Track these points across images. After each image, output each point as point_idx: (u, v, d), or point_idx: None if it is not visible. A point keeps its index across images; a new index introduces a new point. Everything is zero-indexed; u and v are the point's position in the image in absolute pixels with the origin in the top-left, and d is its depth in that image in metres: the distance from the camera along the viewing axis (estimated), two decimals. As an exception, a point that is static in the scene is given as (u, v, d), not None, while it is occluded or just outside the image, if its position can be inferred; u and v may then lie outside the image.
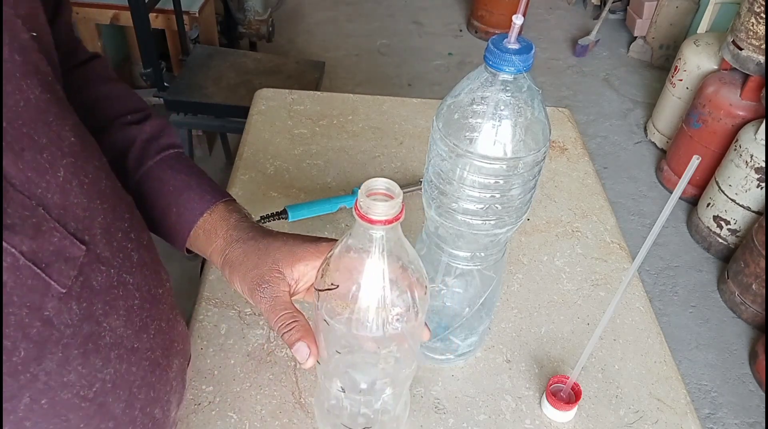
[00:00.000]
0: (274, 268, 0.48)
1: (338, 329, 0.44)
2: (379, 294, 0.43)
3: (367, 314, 0.43)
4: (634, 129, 2.69)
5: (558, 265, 0.82)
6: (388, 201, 0.39)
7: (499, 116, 0.47)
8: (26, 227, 0.31)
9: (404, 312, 0.44)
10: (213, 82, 1.83)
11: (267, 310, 0.48)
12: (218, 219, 0.52)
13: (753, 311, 1.91)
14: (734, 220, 2.04)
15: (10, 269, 0.30)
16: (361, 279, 0.42)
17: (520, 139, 0.48)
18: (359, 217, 0.39)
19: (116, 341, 0.37)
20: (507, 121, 0.48)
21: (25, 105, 0.32)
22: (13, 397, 0.31)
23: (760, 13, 1.94)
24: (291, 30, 3.11)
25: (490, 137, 0.48)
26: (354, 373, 0.50)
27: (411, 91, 2.78)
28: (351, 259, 0.42)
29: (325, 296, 0.44)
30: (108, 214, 0.38)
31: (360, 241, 0.41)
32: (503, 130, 0.48)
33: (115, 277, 0.38)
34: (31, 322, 0.31)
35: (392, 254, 0.42)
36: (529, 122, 0.49)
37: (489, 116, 0.48)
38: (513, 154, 0.48)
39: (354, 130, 1.01)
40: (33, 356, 0.31)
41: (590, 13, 3.46)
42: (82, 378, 0.35)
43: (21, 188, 0.31)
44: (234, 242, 0.51)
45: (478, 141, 0.48)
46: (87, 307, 0.35)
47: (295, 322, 0.47)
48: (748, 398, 1.75)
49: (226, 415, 0.62)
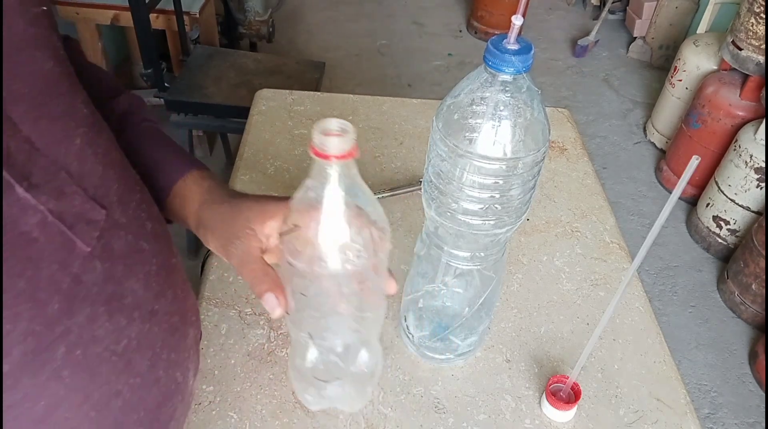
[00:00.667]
0: (245, 226, 0.50)
1: (301, 269, 0.46)
2: (337, 230, 0.44)
3: (326, 250, 0.45)
4: (634, 129, 2.69)
5: (558, 265, 0.82)
6: (342, 137, 0.41)
7: (499, 117, 0.48)
8: (50, 188, 0.33)
9: (363, 248, 0.45)
10: (213, 83, 1.83)
11: (239, 264, 0.50)
12: (192, 184, 0.54)
13: (753, 311, 1.91)
14: (734, 220, 2.04)
15: (39, 226, 0.32)
16: (320, 216, 0.44)
17: (519, 139, 0.48)
18: (315, 155, 0.41)
19: (137, 303, 0.39)
20: (506, 121, 0.48)
21: (39, 75, 0.34)
22: (49, 346, 0.33)
23: (759, 13, 1.95)
24: (291, 30, 3.11)
25: (490, 138, 0.48)
26: (320, 318, 0.51)
27: (411, 91, 2.78)
28: (310, 199, 0.44)
29: (288, 239, 0.46)
30: (121, 184, 0.40)
31: (317, 180, 0.43)
32: (503, 130, 0.48)
33: (132, 242, 0.39)
34: (61, 278, 0.33)
35: (348, 191, 0.43)
36: (529, 123, 0.49)
37: (488, 117, 0.48)
38: (512, 154, 0.48)
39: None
40: (65, 310, 0.33)
41: (590, 14, 3.46)
42: (110, 334, 0.37)
43: (44, 152, 0.33)
44: (208, 205, 0.53)
45: (477, 141, 0.48)
46: (109, 268, 0.37)
47: (265, 275, 0.49)
48: (748, 398, 1.76)
49: (226, 415, 0.62)
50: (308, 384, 0.58)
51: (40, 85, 0.34)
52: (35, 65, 0.34)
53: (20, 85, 0.33)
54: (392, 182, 0.92)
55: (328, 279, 0.46)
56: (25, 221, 0.31)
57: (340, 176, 0.42)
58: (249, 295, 0.74)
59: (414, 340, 0.68)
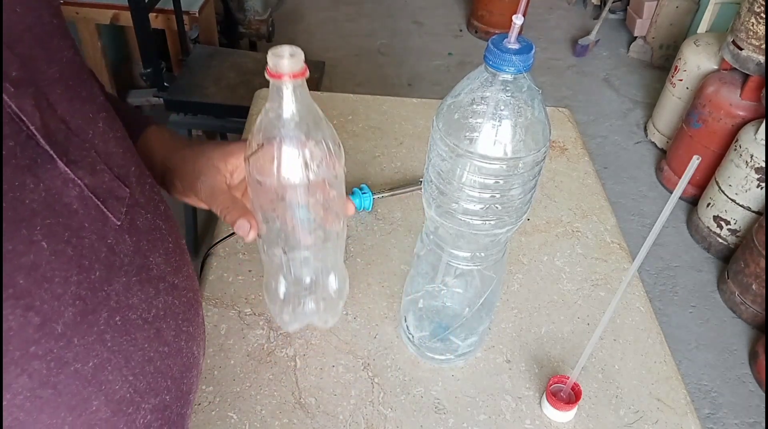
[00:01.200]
0: (209, 164, 0.54)
1: (269, 184, 0.49)
2: (297, 142, 0.48)
3: (290, 162, 0.48)
4: (634, 129, 2.69)
5: (558, 265, 0.82)
6: (292, 58, 0.45)
7: (499, 116, 0.48)
8: (85, 164, 0.35)
9: (323, 159, 0.49)
10: (213, 82, 1.83)
11: (207, 197, 0.53)
12: (153, 140, 0.58)
13: (753, 311, 1.91)
14: (734, 220, 2.04)
15: (78, 198, 0.34)
16: (280, 133, 0.47)
17: (520, 139, 0.48)
18: (270, 76, 0.45)
19: (161, 275, 0.42)
20: (507, 121, 0.48)
21: (66, 62, 0.37)
22: (94, 310, 0.35)
23: (760, 13, 1.94)
24: (291, 30, 3.11)
25: (490, 137, 0.48)
26: (289, 232, 0.54)
27: (411, 91, 2.78)
28: (269, 120, 0.47)
29: (254, 159, 0.49)
30: (137, 166, 0.42)
31: (275, 101, 0.47)
32: (503, 130, 0.48)
33: (152, 220, 0.42)
34: (99, 247, 0.35)
35: (303, 108, 0.47)
36: (529, 122, 0.49)
37: (489, 116, 0.48)
38: (513, 154, 0.48)
39: (354, 130, 1.01)
40: (104, 277, 0.36)
41: (590, 13, 3.46)
42: (143, 303, 0.39)
43: (76, 131, 0.35)
44: (171, 152, 0.56)
45: (478, 141, 0.48)
46: (136, 241, 0.39)
47: (234, 203, 0.52)
48: (748, 398, 1.75)
49: (226, 415, 0.62)
50: (284, 304, 0.62)
51: (68, 71, 0.36)
52: (63, 53, 0.36)
53: (54, 69, 0.35)
54: (392, 182, 0.91)
55: (295, 190, 0.50)
56: (67, 193, 0.33)
57: (294, 94, 0.46)
58: (249, 296, 0.73)
59: (414, 340, 0.68)
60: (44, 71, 0.34)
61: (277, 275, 0.60)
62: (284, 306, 0.62)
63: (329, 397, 0.64)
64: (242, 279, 0.75)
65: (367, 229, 0.84)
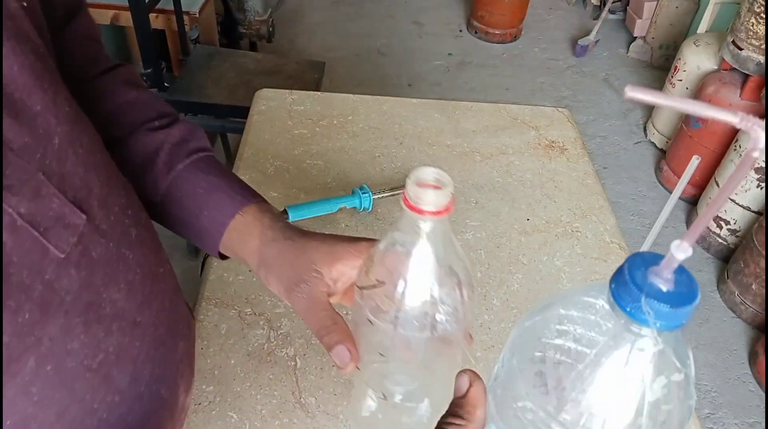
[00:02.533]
0: (311, 268, 0.46)
1: (383, 329, 0.42)
2: (427, 290, 0.40)
3: (414, 312, 0.41)
4: (634, 129, 2.69)
5: (558, 265, 0.82)
6: (438, 190, 0.37)
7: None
8: (25, 190, 0.31)
9: (453, 310, 0.42)
10: (213, 83, 1.83)
11: (304, 310, 0.46)
12: (251, 220, 0.50)
13: (753, 311, 1.91)
14: (734, 220, 2.04)
15: (8, 229, 0.30)
16: (409, 274, 0.40)
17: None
18: (408, 208, 0.38)
19: (117, 313, 0.37)
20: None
21: (19, 69, 0.32)
22: (19, 358, 0.31)
23: (760, 13, 1.94)
24: (291, 30, 3.11)
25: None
26: (395, 378, 0.48)
27: (411, 91, 2.78)
28: (397, 254, 0.41)
29: (369, 294, 0.42)
30: (104, 187, 0.38)
31: (407, 234, 0.39)
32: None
33: (114, 250, 0.37)
34: (32, 285, 0.31)
35: (441, 248, 0.40)
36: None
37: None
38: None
39: (354, 130, 1.01)
40: (36, 319, 0.32)
41: (590, 13, 3.46)
42: (86, 347, 0.35)
43: (19, 152, 0.31)
44: (269, 242, 0.49)
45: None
46: (87, 276, 0.35)
47: (334, 324, 0.45)
48: (748, 398, 1.75)
49: (226, 415, 0.62)
50: (367, 422, 0.54)
51: (19, 80, 0.32)
52: (15, 58, 0.32)
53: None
54: (392, 182, 0.92)
55: (412, 342, 0.43)
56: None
57: (433, 232, 0.39)
58: (249, 295, 0.73)
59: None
60: None
61: (368, 407, 0.52)
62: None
63: (329, 397, 0.64)
64: (242, 279, 0.75)
65: (367, 229, 0.84)
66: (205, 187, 0.51)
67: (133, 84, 0.55)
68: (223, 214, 0.51)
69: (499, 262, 0.82)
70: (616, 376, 0.29)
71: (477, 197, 0.91)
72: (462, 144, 1.01)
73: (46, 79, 0.35)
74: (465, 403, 0.35)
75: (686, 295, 0.28)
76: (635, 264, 0.28)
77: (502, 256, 0.83)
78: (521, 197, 0.92)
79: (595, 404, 0.30)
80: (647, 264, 0.28)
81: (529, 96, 2.76)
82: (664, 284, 0.28)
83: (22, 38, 0.34)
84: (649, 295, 0.27)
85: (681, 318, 0.28)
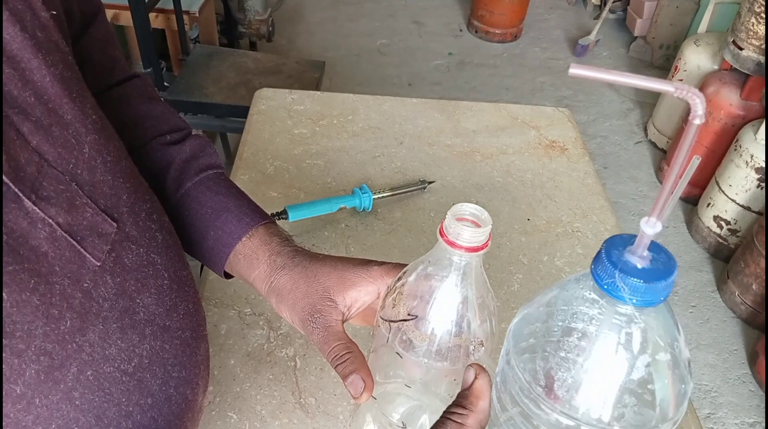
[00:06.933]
0: (325, 297, 0.46)
1: (409, 363, 0.42)
2: (465, 325, 0.41)
3: (449, 345, 0.41)
4: (634, 129, 2.69)
5: (558, 265, 0.82)
6: (477, 228, 0.38)
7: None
8: (61, 200, 0.32)
9: (484, 342, 0.42)
10: (213, 82, 1.83)
11: (320, 340, 0.45)
12: (259, 243, 0.50)
13: (753, 311, 1.91)
14: (734, 220, 2.04)
15: (49, 239, 0.31)
16: (445, 309, 0.40)
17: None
18: (446, 243, 0.38)
19: (149, 318, 0.38)
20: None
21: (50, 80, 0.33)
22: (62, 365, 0.32)
23: (760, 13, 1.94)
24: (291, 30, 3.10)
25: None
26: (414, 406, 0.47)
27: (411, 91, 2.78)
28: (428, 287, 0.40)
29: (398, 331, 0.42)
30: (131, 194, 0.38)
31: (440, 267, 0.39)
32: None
33: (144, 255, 0.38)
34: (73, 293, 0.32)
35: (475, 282, 0.40)
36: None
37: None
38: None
39: (354, 130, 1.01)
40: (77, 327, 0.32)
41: (590, 13, 3.46)
42: (122, 352, 0.35)
43: (54, 164, 0.32)
44: (279, 269, 0.48)
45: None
46: (121, 282, 0.35)
47: (349, 353, 0.44)
48: (748, 398, 1.75)
49: (226, 415, 0.62)
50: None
51: (50, 91, 0.33)
52: (47, 69, 0.33)
53: (28, 93, 0.32)
54: (392, 182, 0.91)
55: (443, 373, 0.43)
56: (34, 235, 0.30)
57: (469, 266, 0.39)
58: (248, 295, 0.73)
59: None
60: (15, 96, 0.31)
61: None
62: None
63: (329, 397, 0.64)
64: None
65: (367, 229, 0.84)
66: (213, 206, 0.51)
67: (147, 96, 0.55)
68: (230, 237, 0.50)
69: (499, 262, 0.82)
70: (600, 353, 0.31)
71: (477, 197, 0.91)
72: (462, 144, 1.01)
73: (74, 88, 0.35)
74: (469, 394, 0.37)
75: (661, 271, 0.29)
76: (613, 244, 0.30)
77: (503, 256, 0.82)
78: (521, 197, 0.92)
79: (579, 379, 0.31)
80: (625, 244, 0.30)
81: (530, 96, 2.76)
82: (639, 261, 0.29)
83: (53, 48, 0.34)
84: (623, 271, 0.29)
85: (657, 294, 0.29)
